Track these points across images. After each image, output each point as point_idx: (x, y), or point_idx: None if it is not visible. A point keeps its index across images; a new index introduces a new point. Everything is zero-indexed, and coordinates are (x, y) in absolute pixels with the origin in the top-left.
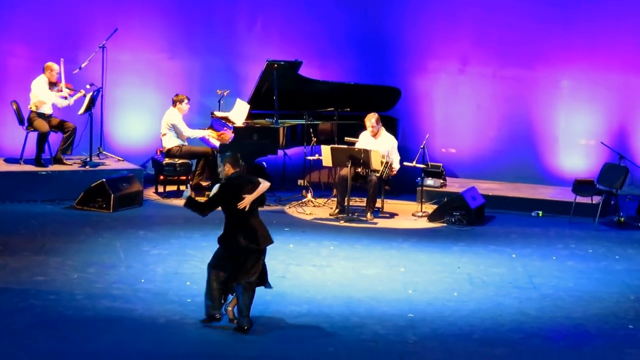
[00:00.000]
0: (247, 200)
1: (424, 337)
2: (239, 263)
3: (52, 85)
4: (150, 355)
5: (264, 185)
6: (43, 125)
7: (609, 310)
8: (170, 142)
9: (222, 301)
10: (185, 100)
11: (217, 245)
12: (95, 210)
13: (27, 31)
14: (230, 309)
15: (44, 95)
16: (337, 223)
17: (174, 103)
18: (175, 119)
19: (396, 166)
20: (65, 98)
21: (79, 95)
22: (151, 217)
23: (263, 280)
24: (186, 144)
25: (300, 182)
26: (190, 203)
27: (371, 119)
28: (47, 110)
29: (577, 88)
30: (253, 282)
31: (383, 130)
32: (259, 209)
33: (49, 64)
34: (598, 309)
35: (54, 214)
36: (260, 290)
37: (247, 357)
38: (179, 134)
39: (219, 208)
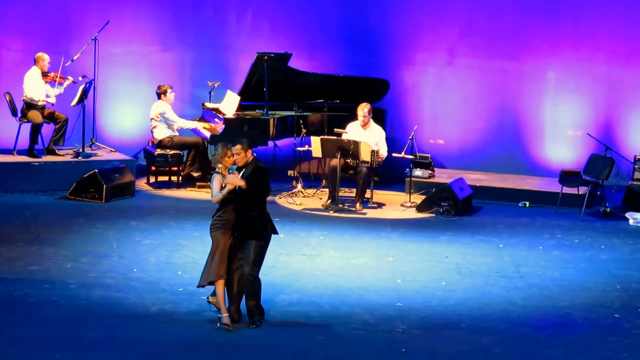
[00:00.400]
0: None
1: (413, 326)
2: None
3: (44, 75)
4: (142, 343)
5: None
6: (37, 117)
7: (595, 300)
8: (161, 133)
9: None
10: (169, 90)
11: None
12: (87, 201)
13: (20, 24)
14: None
15: (36, 90)
16: (326, 213)
17: (159, 95)
18: (165, 110)
19: (383, 153)
20: (51, 83)
21: (67, 82)
22: (143, 207)
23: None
24: (177, 134)
25: (290, 172)
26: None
27: (364, 108)
28: (40, 102)
29: (563, 80)
30: None
31: (372, 122)
32: None
33: (40, 54)
34: (584, 298)
35: (47, 204)
36: None
37: (238, 346)
38: (169, 125)
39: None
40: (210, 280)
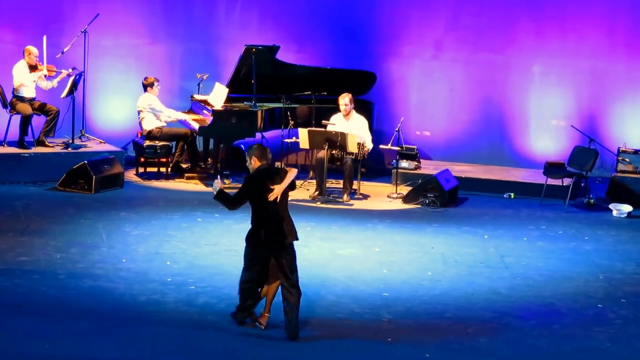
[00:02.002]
0: (277, 190)
1: (399, 315)
2: (273, 261)
3: (33, 68)
4: (131, 333)
5: (292, 173)
6: (26, 109)
7: (578, 290)
8: (150, 124)
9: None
10: (156, 83)
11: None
12: (77, 192)
13: (10, 16)
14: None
15: (24, 79)
16: (314, 204)
17: (145, 88)
18: (152, 102)
19: (369, 145)
20: (46, 77)
21: (62, 76)
22: (132, 198)
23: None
24: (165, 125)
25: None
26: (221, 196)
27: (345, 98)
28: (29, 94)
29: (548, 73)
30: (294, 280)
31: (353, 112)
32: (290, 193)
33: (28, 47)
34: (568, 288)
35: (37, 195)
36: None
37: (225, 332)
38: (157, 116)
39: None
40: None
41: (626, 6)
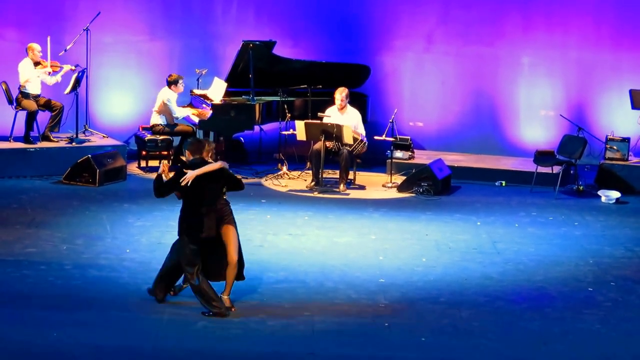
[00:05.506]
0: (188, 176)
1: (394, 300)
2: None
3: (37, 64)
4: (135, 321)
5: (213, 165)
6: (31, 105)
7: (568, 274)
8: (160, 120)
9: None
10: (180, 81)
11: None
12: (81, 185)
13: (15, 15)
14: (225, 297)
15: (29, 75)
16: (311, 194)
17: (169, 84)
18: (170, 98)
19: (363, 140)
20: (50, 74)
21: (64, 70)
22: (135, 190)
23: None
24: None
25: (275, 155)
26: (157, 180)
27: (342, 92)
28: (34, 90)
29: (537, 64)
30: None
31: (348, 105)
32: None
33: (31, 44)
34: (558, 273)
35: (43, 188)
36: None
37: (227, 321)
38: (167, 114)
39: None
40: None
41: None
